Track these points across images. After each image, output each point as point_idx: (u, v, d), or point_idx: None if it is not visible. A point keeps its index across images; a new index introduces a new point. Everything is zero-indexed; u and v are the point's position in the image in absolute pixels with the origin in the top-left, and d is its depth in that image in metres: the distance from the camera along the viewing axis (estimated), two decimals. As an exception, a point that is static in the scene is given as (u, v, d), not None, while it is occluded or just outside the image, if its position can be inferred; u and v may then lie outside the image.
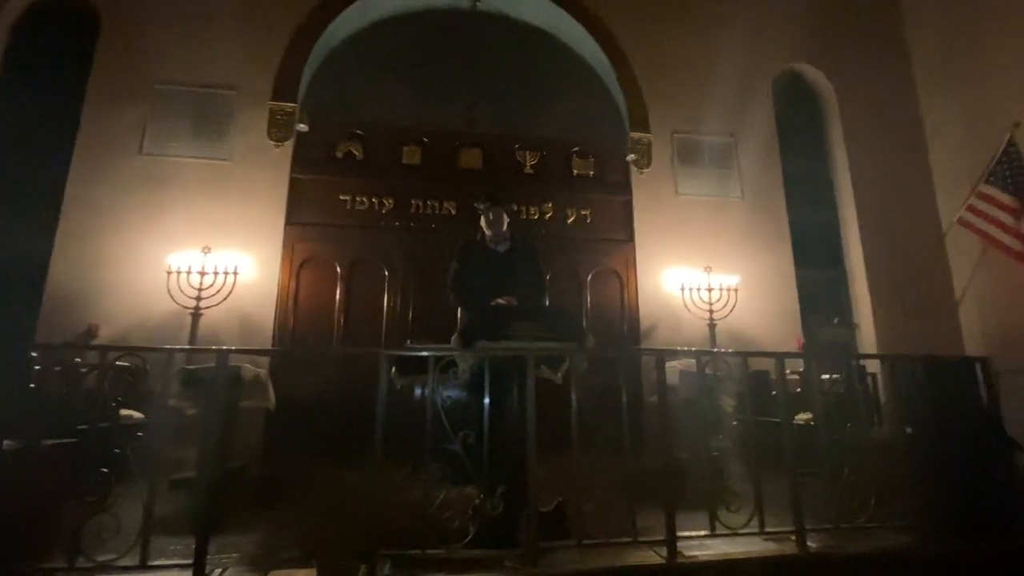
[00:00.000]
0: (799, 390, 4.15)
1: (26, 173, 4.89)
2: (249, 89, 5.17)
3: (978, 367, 2.18)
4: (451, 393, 2.18)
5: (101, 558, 1.62)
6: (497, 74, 5.90)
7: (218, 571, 1.60)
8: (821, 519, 2.03)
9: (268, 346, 4.71)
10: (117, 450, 2.71)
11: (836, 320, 6.01)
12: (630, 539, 1.78)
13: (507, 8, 6.08)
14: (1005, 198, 5.02)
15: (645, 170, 5.68)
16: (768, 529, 1.88)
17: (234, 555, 1.76)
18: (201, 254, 4.57)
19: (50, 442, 1.99)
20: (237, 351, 2.03)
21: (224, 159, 5.01)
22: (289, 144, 5.16)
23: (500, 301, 2.29)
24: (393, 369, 3.26)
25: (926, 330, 5.54)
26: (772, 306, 5.55)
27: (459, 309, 2.89)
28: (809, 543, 1.86)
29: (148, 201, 4.78)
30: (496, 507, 1.68)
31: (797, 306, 5.69)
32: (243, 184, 4.96)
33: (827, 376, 3.67)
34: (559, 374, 2.25)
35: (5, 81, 5.06)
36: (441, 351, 1.99)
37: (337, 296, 5.03)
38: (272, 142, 5.12)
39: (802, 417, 3.54)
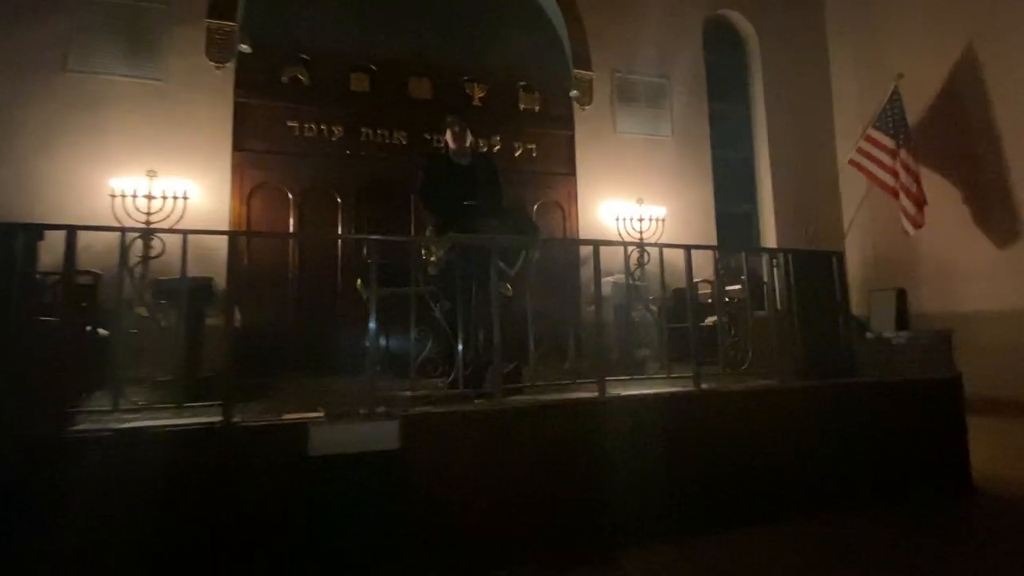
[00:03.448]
0: (710, 301, 4.86)
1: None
2: (183, 4, 4.92)
3: (833, 260, 2.84)
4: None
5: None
6: (446, 3, 5.90)
7: (239, 416, 1.94)
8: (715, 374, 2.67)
9: (223, 272, 4.79)
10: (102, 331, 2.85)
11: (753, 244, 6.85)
12: (569, 381, 2.31)
13: (454, -66, 5.99)
14: (887, 141, 5.86)
15: (587, 107, 6.03)
16: (673, 375, 2.49)
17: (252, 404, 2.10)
18: (147, 179, 4.50)
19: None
20: (199, 232, 2.23)
21: (160, 79, 4.83)
22: (231, 67, 5.02)
23: (467, 203, 2.66)
24: (359, 281, 3.56)
25: (818, 256, 6.49)
26: (695, 236, 6.23)
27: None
28: (702, 384, 2.48)
29: (81, 122, 4.57)
30: (468, 363, 2.12)
31: (716, 237, 6.44)
32: (184, 106, 4.83)
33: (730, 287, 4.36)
34: (514, 271, 2.68)
35: None
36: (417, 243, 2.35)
37: (291, 224, 5.13)
38: (212, 63, 4.96)
39: (710, 321, 4.25)
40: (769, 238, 6.75)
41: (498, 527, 2.04)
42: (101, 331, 3.58)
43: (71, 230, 1.84)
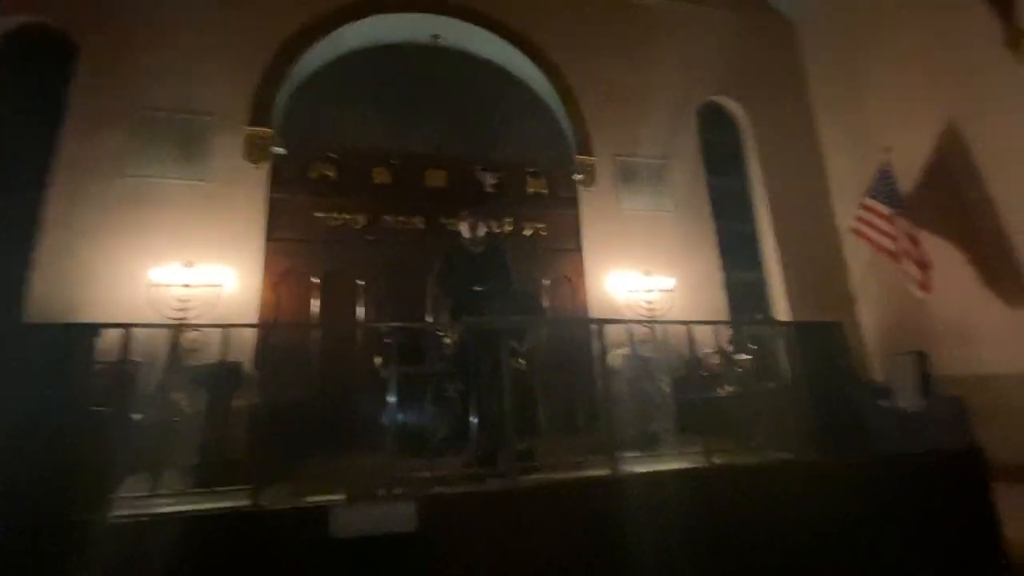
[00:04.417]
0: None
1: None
2: (226, 115, 5.55)
3: (834, 329, 2.94)
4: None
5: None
6: (458, 102, 6.54)
7: (266, 500, 2.04)
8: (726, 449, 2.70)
9: (249, 353, 5.02)
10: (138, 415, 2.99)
11: (760, 316, 6.92)
12: (582, 459, 2.36)
13: (466, 44, 6.76)
14: (883, 208, 6.07)
15: (591, 188, 6.43)
16: (686, 451, 2.52)
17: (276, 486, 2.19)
18: (183, 268, 4.87)
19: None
20: (237, 325, 2.43)
21: (203, 180, 5.35)
22: (266, 166, 5.56)
23: (478, 288, 2.87)
24: (377, 360, 3.73)
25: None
26: (704, 306, 6.36)
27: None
28: (714, 459, 2.51)
29: (129, 220, 5.04)
30: (482, 443, 2.21)
31: (726, 305, 6.55)
32: (223, 202, 5.31)
33: (742, 356, 4.43)
34: (524, 347, 2.83)
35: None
36: (434, 327, 2.53)
37: (315, 306, 5.41)
38: (250, 164, 5.50)
39: (721, 392, 4.28)
40: (779, 305, 6.82)
41: (514, 611, 2.03)
42: (134, 416, 3.76)
43: (127, 328, 2.06)
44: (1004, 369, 5.28)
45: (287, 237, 5.48)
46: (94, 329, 2.16)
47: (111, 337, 2.28)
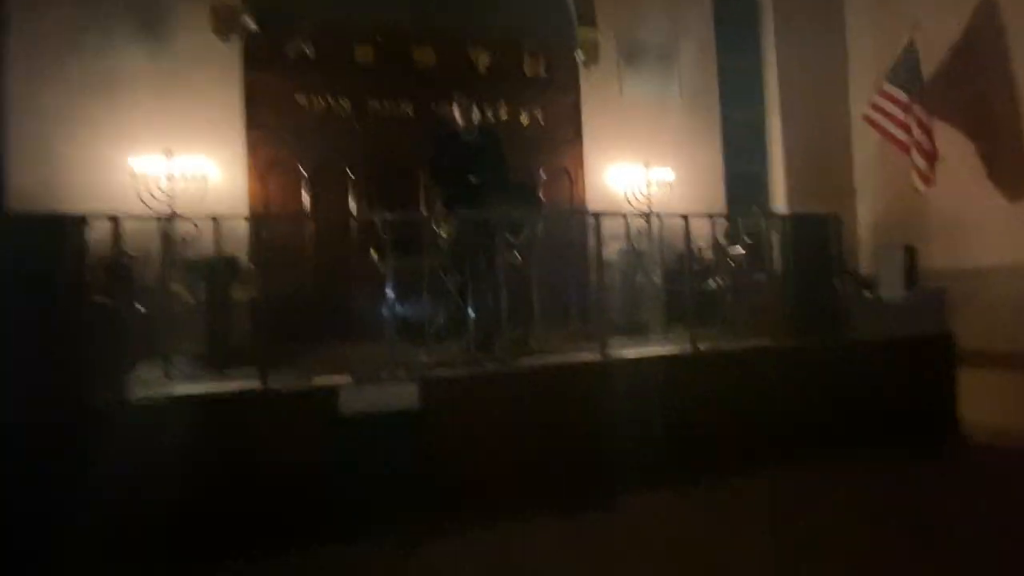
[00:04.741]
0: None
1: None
2: (186, -21, 4.94)
3: (830, 222, 2.93)
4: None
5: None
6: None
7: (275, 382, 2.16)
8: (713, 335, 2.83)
9: (244, 248, 5.00)
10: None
11: (755, 208, 6.84)
12: (573, 346, 2.49)
13: None
14: (901, 95, 5.73)
15: (592, 67, 5.97)
16: (672, 337, 2.65)
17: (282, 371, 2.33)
18: (164, 158, 4.66)
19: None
20: (229, 216, 2.39)
21: (169, 57, 4.91)
22: (237, 42, 5.07)
23: (472, 180, 2.79)
24: (373, 252, 3.73)
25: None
26: (702, 199, 6.24)
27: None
28: (699, 345, 2.64)
29: (100, 104, 4.71)
30: (479, 329, 2.30)
31: (724, 199, 6.45)
32: (195, 84, 4.93)
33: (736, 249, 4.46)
34: (520, 241, 2.82)
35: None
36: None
37: (305, 200, 5.28)
38: (219, 39, 5.01)
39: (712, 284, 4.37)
40: (779, 198, 6.72)
41: (509, 478, 2.26)
42: (140, 308, 3.84)
43: (116, 220, 2.01)
44: (993, 262, 5.38)
45: (269, 124, 5.17)
46: (85, 220, 2.11)
47: (101, 229, 2.24)
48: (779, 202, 6.70)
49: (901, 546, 2.00)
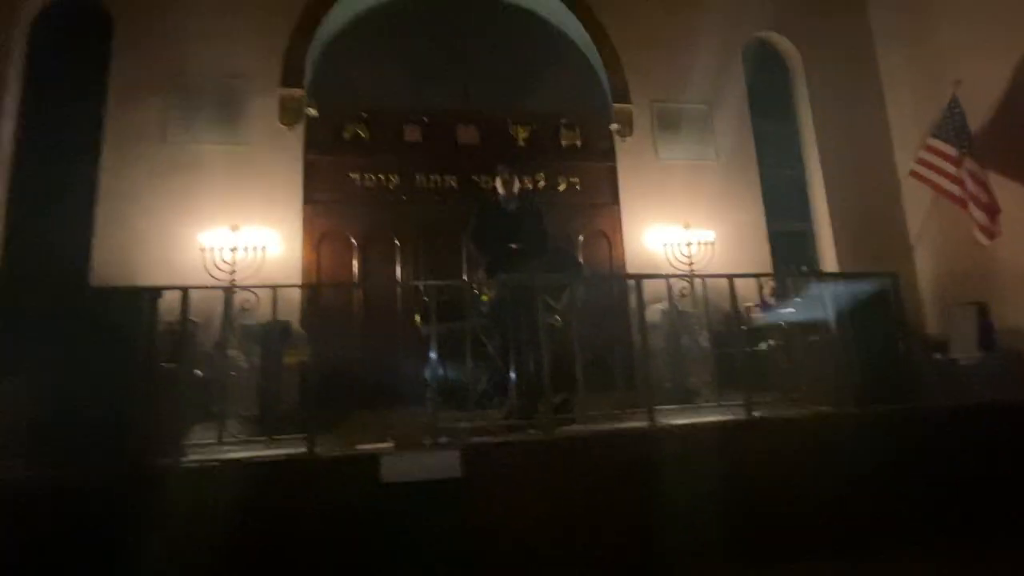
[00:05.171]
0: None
1: (57, 171, 5.30)
2: (259, 77, 5.58)
3: (889, 282, 2.80)
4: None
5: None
6: (487, 52, 6.32)
7: (320, 447, 2.19)
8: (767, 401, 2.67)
9: (295, 314, 5.24)
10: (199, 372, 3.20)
11: (804, 268, 6.64)
12: (619, 411, 2.40)
13: (492, -10, 6.45)
14: (949, 149, 5.61)
15: (628, 138, 6.19)
16: (723, 403, 2.52)
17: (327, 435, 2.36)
18: (230, 231, 5.06)
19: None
20: (286, 285, 2.53)
21: (240, 144, 5.46)
22: (300, 128, 5.61)
23: (513, 246, 2.88)
24: (417, 317, 3.82)
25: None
26: (746, 259, 6.14)
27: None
28: (754, 412, 2.49)
29: (175, 186, 5.24)
30: (521, 395, 2.27)
31: (769, 258, 6.31)
32: (262, 166, 5.42)
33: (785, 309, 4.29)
34: (560, 304, 2.84)
35: (29, 82, 5.42)
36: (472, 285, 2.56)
37: (354, 266, 5.56)
38: (284, 126, 5.56)
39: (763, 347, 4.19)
40: (828, 257, 6.52)
41: (555, 549, 2.14)
42: (197, 372, 4.04)
43: (185, 291, 2.18)
44: (1077, 319, 4.93)
45: (324, 199, 5.58)
46: (158, 292, 2.30)
47: (170, 299, 2.43)
48: (829, 261, 6.49)
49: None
